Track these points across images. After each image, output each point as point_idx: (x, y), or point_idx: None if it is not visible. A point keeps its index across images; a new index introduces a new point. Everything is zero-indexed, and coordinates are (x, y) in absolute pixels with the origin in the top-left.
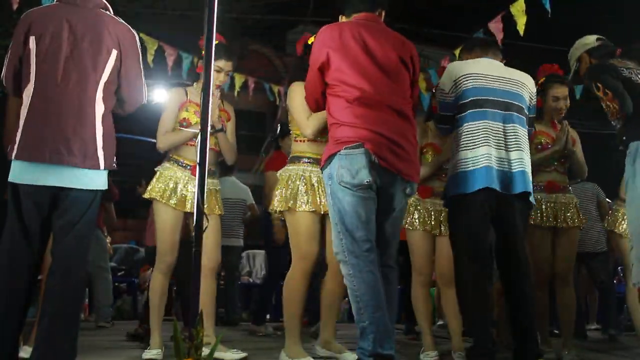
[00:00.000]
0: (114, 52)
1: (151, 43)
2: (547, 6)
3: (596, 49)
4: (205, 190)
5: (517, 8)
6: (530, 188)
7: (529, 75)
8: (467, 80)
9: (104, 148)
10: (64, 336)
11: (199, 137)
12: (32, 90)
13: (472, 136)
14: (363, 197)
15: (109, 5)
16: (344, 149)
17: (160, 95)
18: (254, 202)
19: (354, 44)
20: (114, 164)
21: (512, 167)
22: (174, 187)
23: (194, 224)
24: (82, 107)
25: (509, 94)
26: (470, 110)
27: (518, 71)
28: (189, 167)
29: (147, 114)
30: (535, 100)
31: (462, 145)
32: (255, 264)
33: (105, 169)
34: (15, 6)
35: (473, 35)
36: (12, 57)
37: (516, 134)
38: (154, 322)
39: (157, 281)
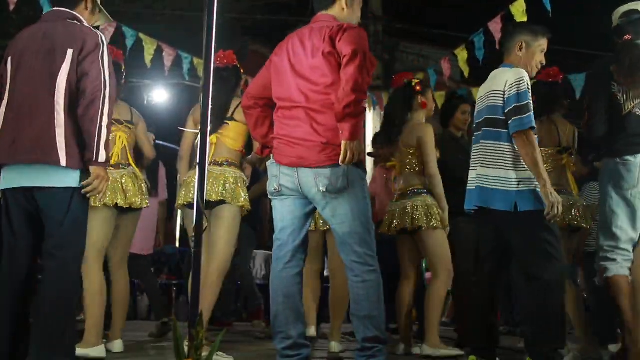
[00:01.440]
0: (69, 52)
1: (150, 43)
2: (548, 6)
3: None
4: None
5: (517, 8)
6: (486, 204)
7: (500, 71)
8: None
9: (66, 146)
10: (60, 338)
11: (199, 137)
12: (5, 103)
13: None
14: None
15: (79, 17)
16: None
17: (160, 96)
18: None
19: None
20: (83, 162)
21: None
22: None
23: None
24: (41, 109)
25: (480, 112)
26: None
27: (496, 72)
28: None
29: (147, 113)
30: (513, 89)
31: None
32: (256, 264)
33: (69, 166)
34: (12, 7)
35: (473, 35)
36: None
37: (480, 150)
38: None
39: None
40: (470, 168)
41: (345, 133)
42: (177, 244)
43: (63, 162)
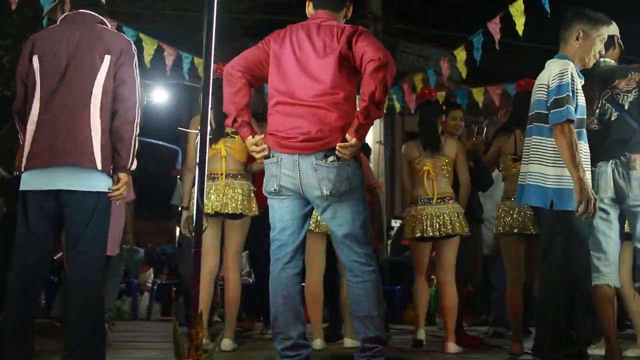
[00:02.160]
0: (107, 58)
1: (151, 43)
2: (547, 6)
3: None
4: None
5: (516, 8)
6: (526, 199)
7: (550, 62)
8: None
9: (101, 150)
10: (90, 342)
11: (199, 137)
12: (38, 105)
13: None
14: None
15: (106, 21)
16: None
17: (160, 96)
18: None
19: None
20: (122, 162)
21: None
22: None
23: (194, 224)
24: (77, 113)
25: (531, 106)
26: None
27: (547, 63)
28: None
29: (147, 113)
30: (555, 81)
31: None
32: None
33: (103, 170)
34: (13, 6)
35: (473, 35)
36: (18, 80)
37: (529, 145)
38: None
39: None
40: (522, 163)
41: (362, 132)
42: (177, 244)
43: (99, 166)
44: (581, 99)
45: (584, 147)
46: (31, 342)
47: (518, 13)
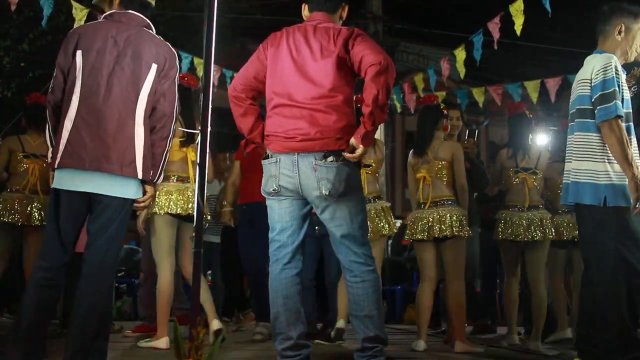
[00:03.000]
0: (154, 67)
1: None
2: (547, 6)
3: None
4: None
5: (515, 8)
6: (576, 198)
7: (590, 57)
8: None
9: (143, 159)
10: (93, 342)
11: (199, 137)
12: (77, 102)
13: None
14: None
15: (152, 25)
16: None
17: None
18: None
19: None
20: (152, 175)
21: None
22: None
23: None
24: (122, 119)
25: (572, 103)
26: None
27: (588, 58)
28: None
29: None
30: (599, 76)
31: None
32: None
33: (143, 179)
34: (13, 7)
35: (473, 35)
36: (58, 71)
37: (573, 142)
38: None
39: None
40: (565, 161)
41: (369, 138)
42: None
43: (140, 175)
44: (626, 93)
45: (633, 142)
46: (44, 343)
47: (517, 13)
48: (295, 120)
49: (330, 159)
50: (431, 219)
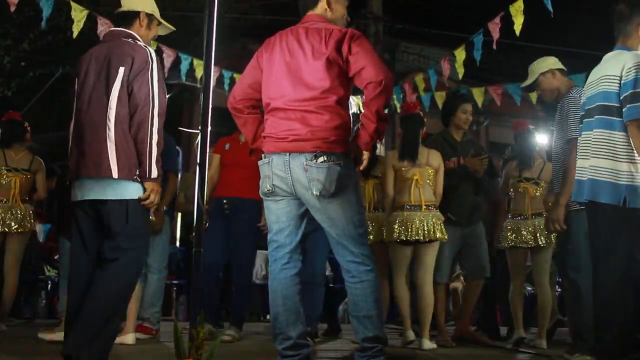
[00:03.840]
0: (121, 70)
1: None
2: (549, 6)
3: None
4: None
5: (515, 8)
6: (593, 196)
7: (616, 54)
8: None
9: (117, 159)
10: (96, 336)
11: (199, 137)
12: (72, 124)
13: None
14: None
15: (134, 34)
16: None
17: None
18: None
19: None
20: (140, 172)
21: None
22: None
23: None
24: (95, 125)
25: (591, 98)
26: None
27: (611, 55)
28: None
29: None
30: (630, 74)
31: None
32: (256, 264)
33: (125, 179)
34: (13, 8)
35: (473, 35)
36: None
37: (593, 139)
38: None
39: None
40: (580, 157)
41: (372, 145)
42: (177, 244)
43: (115, 175)
44: None
45: None
46: None
47: (517, 12)
48: (289, 122)
49: (322, 159)
50: (420, 221)
